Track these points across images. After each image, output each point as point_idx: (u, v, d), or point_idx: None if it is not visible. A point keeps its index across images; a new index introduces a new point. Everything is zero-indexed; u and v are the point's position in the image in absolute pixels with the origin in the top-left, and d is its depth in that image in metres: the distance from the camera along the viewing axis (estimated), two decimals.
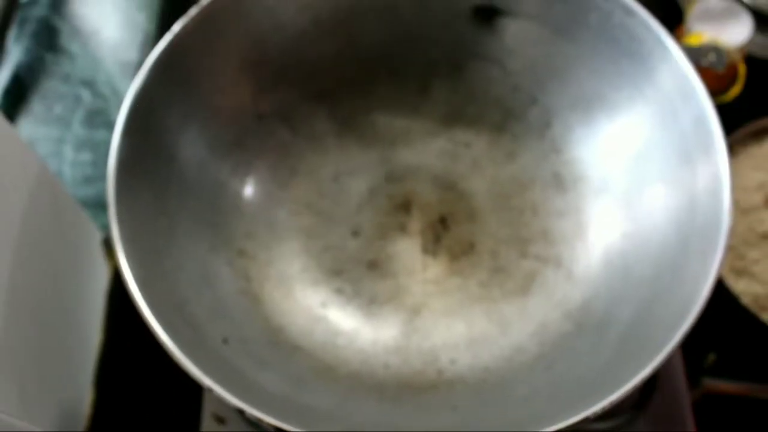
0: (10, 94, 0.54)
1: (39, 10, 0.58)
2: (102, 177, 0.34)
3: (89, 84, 0.55)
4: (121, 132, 0.35)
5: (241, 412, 0.30)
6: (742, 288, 0.47)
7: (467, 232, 0.43)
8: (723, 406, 0.46)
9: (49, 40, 0.57)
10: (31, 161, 0.38)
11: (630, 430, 0.40)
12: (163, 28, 0.55)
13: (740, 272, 0.47)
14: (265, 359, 0.37)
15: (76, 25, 0.58)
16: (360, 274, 0.42)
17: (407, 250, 0.43)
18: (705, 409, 0.44)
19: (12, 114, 0.53)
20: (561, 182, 0.43)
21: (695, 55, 0.40)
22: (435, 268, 0.42)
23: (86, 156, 0.52)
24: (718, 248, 0.32)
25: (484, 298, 0.41)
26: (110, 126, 0.52)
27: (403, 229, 0.43)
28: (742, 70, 0.52)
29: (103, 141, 0.53)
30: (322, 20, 0.41)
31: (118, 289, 0.47)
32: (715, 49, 0.42)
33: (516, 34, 0.41)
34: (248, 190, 0.42)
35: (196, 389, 0.37)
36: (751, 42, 0.53)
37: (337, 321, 0.41)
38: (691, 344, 0.35)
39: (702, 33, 0.52)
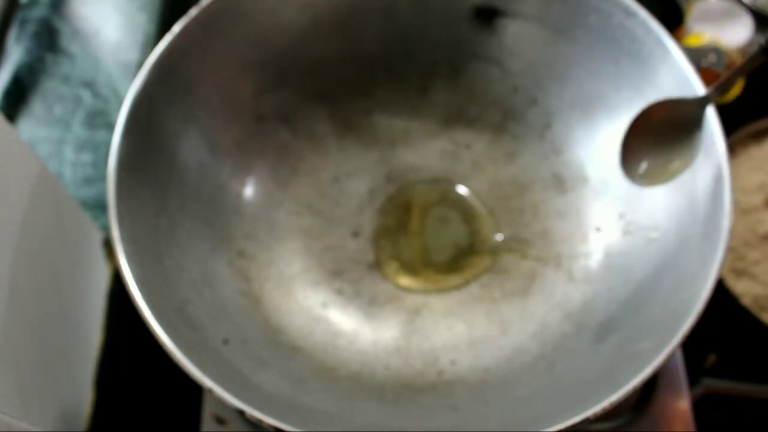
0: (10, 94, 0.54)
1: (39, 11, 0.58)
2: (102, 178, 0.34)
3: (89, 85, 0.55)
4: (122, 133, 0.35)
5: (241, 413, 0.30)
6: (742, 289, 0.47)
7: (468, 232, 0.43)
8: (723, 406, 0.46)
9: (49, 40, 0.57)
10: (31, 162, 0.38)
11: (630, 430, 0.40)
12: (163, 28, 0.55)
13: (740, 273, 0.47)
14: (266, 360, 0.37)
15: (76, 26, 0.58)
16: (360, 274, 0.42)
17: (408, 250, 0.43)
18: (705, 409, 0.44)
19: (12, 115, 0.53)
20: (561, 183, 0.43)
21: (695, 55, 0.40)
22: (435, 268, 0.42)
23: (86, 157, 0.52)
24: (719, 249, 0.32)
25: (485, 299, 0.41)
26: (110, 127, 0.52)
27: (403, 229, 0.43)
28: None
29: (104, 142, 0.53)
30: (322, 21, 0.41)
31: (118, 289, 0.47)
32: (716, 49, 0.41)
33: (516, 34, 0.41)
34: (248, 191, 0.42)
35: (196, 390, 0.37)
36: (751, 43, 0.53)
37: (338, 322, 0.41)
38: (691, 345, 0.35)
39: (702, 34, 0.52)
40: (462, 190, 0.44)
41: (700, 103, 0.34)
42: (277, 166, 0.43)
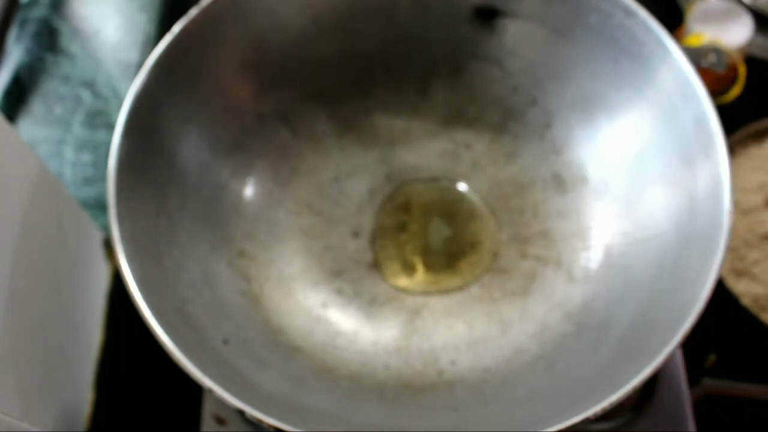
0: (10, 94, 0.54)
1: (39, 11, 0.58)
2: (102, 178, 0.34)
3: (90, 85, 0.55)
4: (122, 133, 0.35)
5: (241, 413, 0.30)
6: (742, 289, 0.47)
7: (467, 232, 0.43)
8: (723, 406, 0.46)
9: (49, 40, 0.57)
10: (31, 162, 0.38)
11: (630, 430, 0.40)
12: (163, 28, 0.55)
13: (740, 273, 0.47)
14: (266, 360, 0.37)
15: (76, 26, 0.58)
16: (360, 274, 0.42)
17: (408, 250, 0.43)
18: (705, 410, 0.44)
19: (12, 115, 0.53)
20: (561, 183, 0.43)
21: (695, 55, 0.40)
22: (435, 268, 0.42)
23: (87, 157, 0.52)
24: (719, 249, 0.32)
25: (485, 299, 0.41)
26: (110, 127, 0.52)
27: (403, 229, 0.43)
28: (742, 70, 0.53)
29: (104, 142, 0.53)
30: (322, 20, 0.41)
31: (118, 289, 0.47)
32: (716, 49, 0.41)
33: (516, 34, 0.41)
34: (248, 191, 0.42)
35: (196, 390, 0.37)
36: (751, 43, 0.53)
37: (338, 322, 0.41)
38: (691, 345, 0.35)
39: (702, 34, 0.52)
40: (462, 190, 0.44)
41: None
42: (277, 166, 0.43)
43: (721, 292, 0.46)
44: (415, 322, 0.41)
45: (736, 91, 0.52)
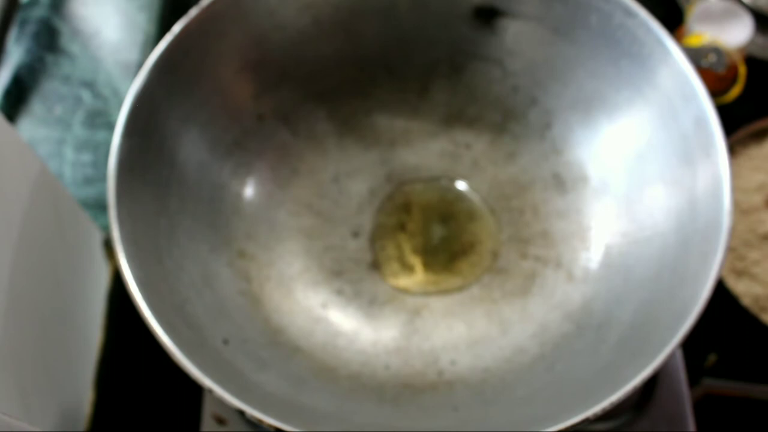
0: (10, 94, 0.54)
1: (39, 11, 0.58)
2: (102, 178, 0.34)
3: (90, 85, 0.55)
4: (122, 133, 0.35)
5: (241, 413, 0.30)
6: (742, 289, 0.47)
7: (467, 232, 0.43)
8: (723, 406, 0.46)
9: (49, 41, 0.57)
10: (31, 162, 0.38)
11: (630, 430, 0.40)
12: (163, 28, 0.55)
13: (740, 273, 0.47)
14: (266, 360, 0.37)
15: (76, 26, 0.58)
16: (360, 274, 0.42)
17: (408, 250, 0.43)
18: (705, 410, 0.44)
19: (12, 115, 0.53)
20: (561, 183, 0.43)
21: (695, 55, 0.40)
22: (435, 268, 0.42)
23: (87, 157, 0.52)
24: (719, 249, 0.32)
25: (485, 299, 0.41)
26: (111, 127, 0.52)
27: (403, 229, 0.43)
28: (742, 70, 0.53)
29: (104, 142, 0.53)
30: (322, 21, 0.41)
31: (118, 289, 0.47)
32: (716, 49, 0.42)
33: (516, 34, 0.41)
34: (248, 191, 0.42)
35: (196, 390, 0.37)
36: (751, 43, 0.53)
37: (338, 322, 0.41)
38: (691, 345, 0.35)
39: (702, 34, 0.52)
40: (462, 189, 0.44)
41: None
42: (277, 166, 0.43)
43: (721, 292, 0.46)
44: (415, 322, 0.41)
45: (736, 91, 0.52)
